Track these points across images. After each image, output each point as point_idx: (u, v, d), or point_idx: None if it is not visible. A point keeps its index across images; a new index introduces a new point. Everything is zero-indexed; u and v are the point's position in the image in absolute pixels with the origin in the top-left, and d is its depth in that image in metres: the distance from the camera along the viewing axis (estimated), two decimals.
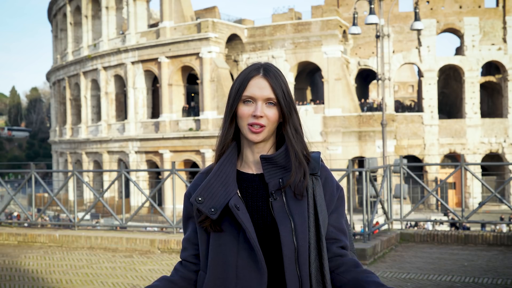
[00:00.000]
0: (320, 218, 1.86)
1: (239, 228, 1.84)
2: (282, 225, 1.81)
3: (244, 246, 1.83)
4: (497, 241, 8.70)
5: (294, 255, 1.80)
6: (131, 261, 8.12)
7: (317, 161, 1.93)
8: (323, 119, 35.41)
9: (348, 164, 8.54)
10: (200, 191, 1.87)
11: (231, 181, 1.88)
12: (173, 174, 9.47)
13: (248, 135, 1.88)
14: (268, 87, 1.88)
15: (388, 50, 36.57)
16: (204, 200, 1.85)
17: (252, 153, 1.93)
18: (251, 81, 1.89)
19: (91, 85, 43.91)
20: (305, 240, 1.82)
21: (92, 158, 43.06)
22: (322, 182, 1.93)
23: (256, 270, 1.81)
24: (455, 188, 36.66)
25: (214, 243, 1.88)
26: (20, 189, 11.64)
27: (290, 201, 1.85)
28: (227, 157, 1.91)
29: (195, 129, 36.27)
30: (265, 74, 1.89)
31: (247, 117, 1.87)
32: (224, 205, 1.84)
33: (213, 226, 1.87)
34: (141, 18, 40.04)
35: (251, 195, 1.89)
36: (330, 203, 1.93)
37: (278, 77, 1.90)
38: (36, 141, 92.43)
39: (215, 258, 1.87)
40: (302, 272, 1.81)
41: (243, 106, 1.89)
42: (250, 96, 1.87)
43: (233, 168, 1.90)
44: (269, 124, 1.87)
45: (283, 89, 1.90)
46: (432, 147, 37.37)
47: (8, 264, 8.07)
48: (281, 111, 1.89)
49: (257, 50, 38.57)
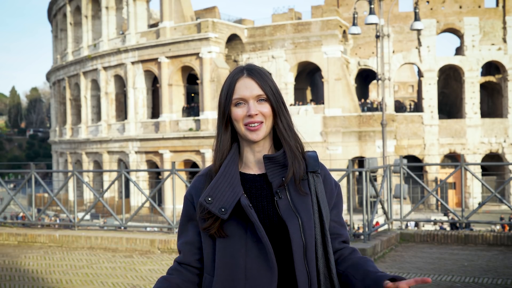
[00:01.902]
0: (323, 214, 1.90)
1: (246, 229, 1.85)
2: (290, 223, 1.84)
3: (252, 245, 1.84)
4: (497, 241, 8.70)
5: (302, 252, 1.83)
6: (131, 261, 8.13)
7: (315, 159, 1.96)
8: (323, 119, 35.41)
9: (348, 164, 8.54)
10: (209, 191, 1.88)
11: (236, 182, 1.89)
12: (173, 174, 9.47)
13: (247, 135, 1.89)
14: (255, 85, 1.90)
15: (388, 50, 36.58)
16: (213, 200, 1.86)
17: (253, 154, 1.95)
18: (238, 83, 1.92)
19: (91, 85, 43.92)
20: (312, 237, 1.85)
21: (92, 158, 43.06)
22: (322, 179, 1.96)
23: (266, 268, 1.82)
24: (455, 188, 36.66)
25: (221, 245, 1.88)
26: (20, 189, 11.64)
27: (294, 198, 1.88)
28: (231, 159, 1.92)
29: (195, 129, 36.27)
30: (250, 74, 1.92)
31: (242, 118, 1.89)
32: (233, 205, 1.84)
33: (218, 232, 1.87)
34: (141, 18, 40.04)
35: (255, 196, 1.91)
36: (331, 199, 1.98)
37: (263, 75, 1.93)
38: (36, 141, 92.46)
39: (222, 260, 1.87)
40: (311, 268, 1.84)
41: (235, 109, 1.91)
42: (240, 98, 1.90)
43: (237, 169, 1.92)
44: (265, 120, 1.90)
45: (271, 86, 1.92)
46: (432, 147, 37.37)
47: (8, 264, 8.07)
48: (271, 107, 1.91)
49: (257, 50, 38.57)
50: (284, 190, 1.89)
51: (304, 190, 1.90)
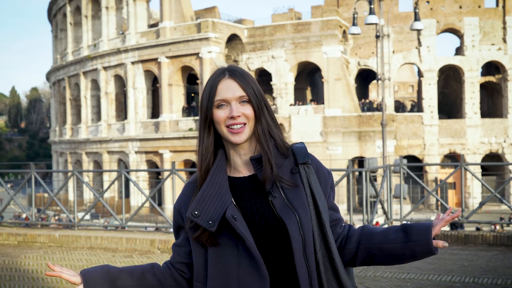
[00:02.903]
0: (319, 205, 1.88)
1: (238, 238, 1.83)
2: (288, 220, 1.82)
3: (244, 254, 1.82)
4: (497, 241, 8.70)
5: (302, 247, 1.82)
6: (131, 261, 8.12)
7: (304, 151, 1.93)
8: (323, 119, 35.41)
9: (348, 164, 8.55)
10: (196, 204, 1.86)
11: (224, 190, 1.86)
12: (173, 174, 9.47)
13: (230, 138, 1.87)
14: (237, 87, 1.88)
15: (388, 50, 36.59)
16: (200, 213, 1.84)
17: (239, 156, 1.93)
18: (219, 85, 1.89)
19: (91, 85, 43.92)
20: (310, 231, 1.83)
21: (92, 158, 43.06)
22: (314, 170, 1.94)
23: (257, 277, 1.81)
24: (455, 188, 36.66)
25: (213, 254, 1.87)
26: (20, 189, 11.65)
27: (288, 194, 1.86)
28: (218, 165, 1.90)
29: (195, 129, 36.25)
30: (231, 75, 1.90)
31: (224, 120, 1.87)
32: (221, 216, 1.82)
33: (210, 240, 1.86)
34: (141, 18, 40.04)
35: (248, 198, 1.89)
36: (326, 188, 1.95)
37: (245, 76, 1.91)
38: (36, 141, 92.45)
39: (215, 270, 1.86)
40: (310, 262, 1.83)
41: (217, 111, 1.88)
42: (222, 99, 1.87)
43: (225, 176, 1.89)
44: (248, 121, 1.88)
45: (253, 87, 1.90)
46: (432, 147, 37.37)
47: (8, 264, 8.07)
48: (253, 109, 1.89)
49: (257, 50, 38.57)
50: (276, 188, 1.86)
51: (295, 182, 1.87)
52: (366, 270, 7.22)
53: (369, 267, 7.46)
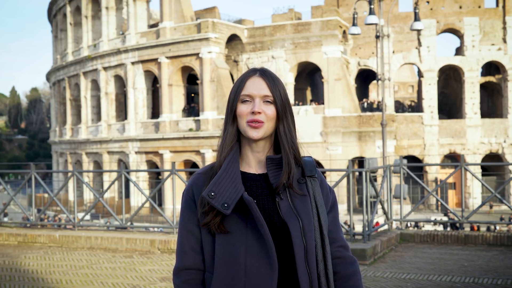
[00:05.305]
0: (321, 217, 1.93)
1: (246, 225, 1.86)
2: (291, 225, 1.85)
3: (252, 243, 1.85)
4: (497, 241, 8.70)
5: (304, 254, 1.85)
6: (131, 262, 8.13)
7: (312, 164, 1.99)
8: (323, 119, 35.40)
9: (348, 164, 8.54)
10: (212, 186, 1.88)
11: (238, 179, 1.90)
12: (173, 175, 9.47)
13: (247, 132, 1.91)
14: (264, 86, 1.93)
15: (388, 50, 36.58)
16: (216, 195, 1.86)
17: (252, 153, 1.97)
18: (248, 81, 1.95)
19: (91, 85, 43.92)
20: (312, 239, 1.88)
21: (92, 158, 43.06)
22: (319, 183, 2.00)
23: (266, 265, 1.83)
24: (455, 188, 36.66)
25: (221, 242, 1.88)
26: (20, 190, 11.65)
27: (295, 200, 1.91)
28: (233, 156, 1.94)
29: (195, 129, 36.27)
30: (262, 75, 1.96)
31: (246, 114, 1.91)
32: (236, 201, 1.85)
33: (219, 227, 1.87)
34: (141, 18, 40.04)
35: (256, 194, 1.92)
36: (327, 203, 2.01)
37: (275, 79, 1.97)
38: (36, 142, 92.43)
39: (222, 257, 1.87)
40: (311, 270, 1.87)
41: (241, 105, 1.94)
42: (247, 95, 1.93)
43: (238, 167, 1.93)
44: (267, 120, 1.91)
45: (280, 91, 1.95)
46: (432, 147, 37.37)
47: (8, 264, 8.07)
48: (276, 110, 1.93)
49: (257, 50, 38.58)
50: (284, 192, 1.91)
51: (302, 191, 1.93)
52: (366, 270, 7.22)
53: (369, 267, 7.46)
